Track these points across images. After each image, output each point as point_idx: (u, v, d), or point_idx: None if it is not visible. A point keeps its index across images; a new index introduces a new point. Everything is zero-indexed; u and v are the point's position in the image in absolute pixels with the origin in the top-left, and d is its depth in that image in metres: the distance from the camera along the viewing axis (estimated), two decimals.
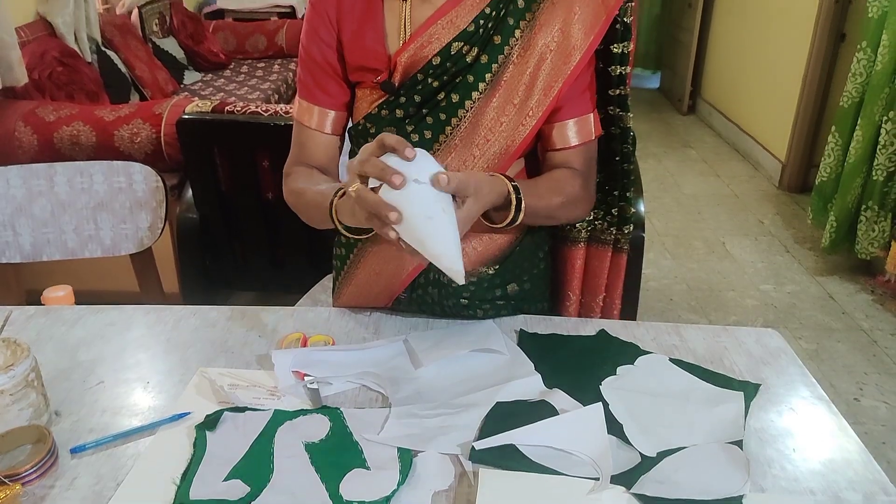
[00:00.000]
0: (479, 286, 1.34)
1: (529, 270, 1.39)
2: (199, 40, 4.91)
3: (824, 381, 2.66)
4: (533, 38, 1.20)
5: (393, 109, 1.24)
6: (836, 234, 3.41)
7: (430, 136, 1.24)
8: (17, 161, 1.78)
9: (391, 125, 1.25)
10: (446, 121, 1.23)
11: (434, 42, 1.20)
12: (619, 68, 1.27)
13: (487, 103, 1.22)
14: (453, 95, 1.22)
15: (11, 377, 0.96)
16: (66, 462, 0.96)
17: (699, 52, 5.98)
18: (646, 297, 3.24)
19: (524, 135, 1.23)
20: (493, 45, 1.20)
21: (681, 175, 4.81)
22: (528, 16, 1.20)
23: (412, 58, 1.21)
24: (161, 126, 2.63)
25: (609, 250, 1.42)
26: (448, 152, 1.24)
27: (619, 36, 1.24)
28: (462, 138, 1.24)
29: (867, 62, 3.23)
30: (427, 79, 1.21)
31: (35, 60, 3.16)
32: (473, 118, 1.23)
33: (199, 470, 0.94)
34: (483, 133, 1.23)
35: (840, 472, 0.96)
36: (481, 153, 1.24)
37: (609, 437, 1.01)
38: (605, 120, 1.33)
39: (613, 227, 1.40)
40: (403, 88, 1.22)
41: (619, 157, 1.35)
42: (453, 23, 1.20)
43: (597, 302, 1.47)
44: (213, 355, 1.20)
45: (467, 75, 1.21)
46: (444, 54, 1.20)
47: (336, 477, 0.93)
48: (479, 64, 1.20)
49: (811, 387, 1.14)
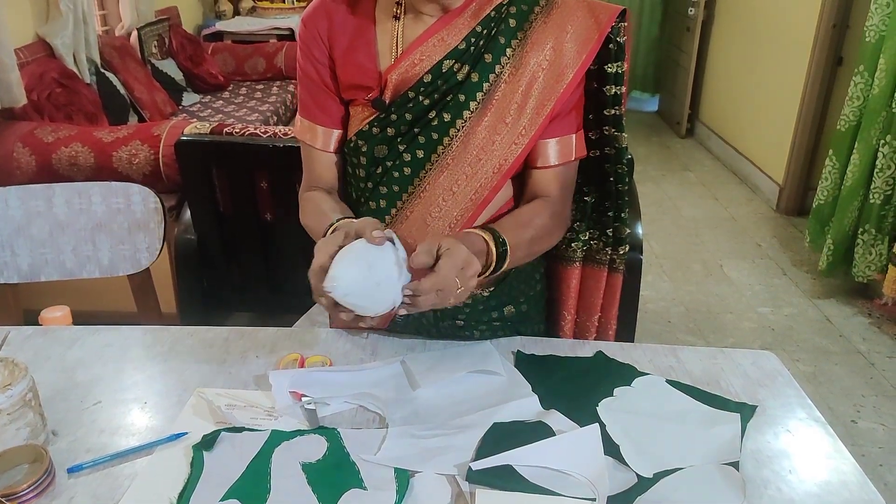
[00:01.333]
0: (475, 308, 1.34)
1: (526, 293, 1.39)
2: (198, 62, 4.93)
3: (822, 404, 2.65)
4: (525, 56, 1.20)
5: (384, 127, 1.25)
6: (834, 257, 3.42)
7: (423, 155, 1.24)
8: (15, 182, 1.79)
9: (382, 143, 1.26)
10: (438, 140, 1.23)
11: (425, 60, 1.21)
12: (613, 88, 1.27)
13: (479, 122, 1.22)
14: (444, 114, 1.22)
15: (9, 397, 0.96)
16: (63, 481, 0.96)
17: (697, 76, 6.01)
18: (644, 319, 3.24)
19: (517, 153, 1.24)
20: (485, 64, 1.20)
21: (679, 198, 4.83)
22: (520, 34, 1.21)
23: (403, 75, 1.22)
24: (160, 147, 2.64)
25: (605, 271, 1.42)
26: (440, 171, 1.24)
27: (612, 55, 1.24)
28: (454, 157, 1.24)
29: (864, 86, 3.25)
30: (418, 97, 1.22)
31: (34, 82, 3.18)
32: (465, 137, 1.23)
33: (196, 490, 0.94)
34: (475, 152, 1.23)
35: (836, 494, 0.96)
36: (473, 172, 1.24)
37: (606, 457, 1.01)
38: (600, 140, 1.33)
39: (609, 248, 1.40)
40: (394, 106, 1.23)
41: (614, 178, 1.34)
42: (444, 41, 1.20)
43: (592, 322, 1.46)
44: (210, 376, 1.20)
45: (458, 94, 1.21)
46: (435, 72, 1.20)
47: (333, 497, 0.93)
48: (471, 82, 1.21)
49: (807, 409, 1.14)
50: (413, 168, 1.25)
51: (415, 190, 1.26)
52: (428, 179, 1.25)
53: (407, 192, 1.26)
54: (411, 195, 1.26)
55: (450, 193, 1.25)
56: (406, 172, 1.26)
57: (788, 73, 4.44)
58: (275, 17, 6.06)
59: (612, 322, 1.47)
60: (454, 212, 1.26)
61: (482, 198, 1.25)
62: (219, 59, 5.29)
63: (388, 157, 1.26)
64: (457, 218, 1.26)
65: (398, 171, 1.26)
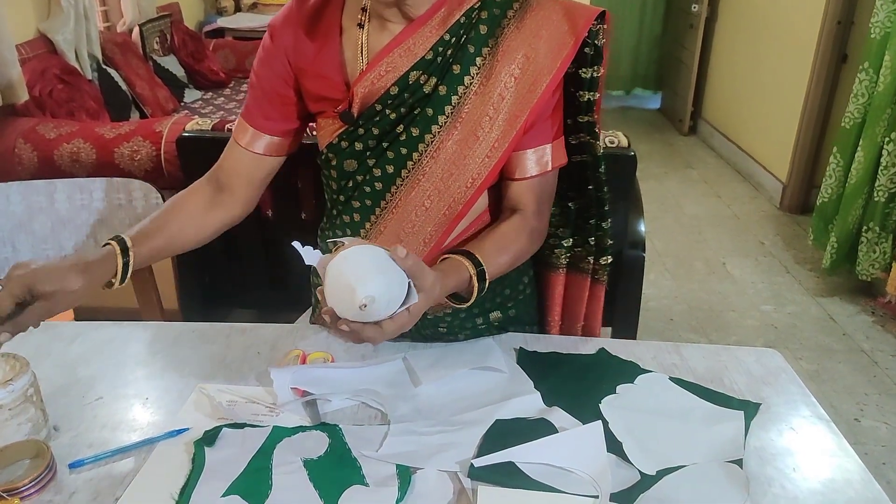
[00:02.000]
0: (455, 317, 1.32)
1: (514, 297, 1.37)
2: (200, 59, 4.93)
3: (825, 402, 2.65)
4: (495, 66, 1.15)
5: (352, 141, 1.21)
6: (837, 255, 3.42)
7: (392, 171, 1.20)
8: (16, 178, 1.79)
9: (351, 157, 1.22)
10: (407, 155, 1.19)
11: (392, 71, 1.15)
12: (587, 94, 1.21)
13: (449, 137, 1.17)
14: (413, 129, 1.17)
15: (10, 392, 0.96)
16: (64, 477, 0.96)
17: (700, 73, 6.00)
18: (646, 316, 3.23)
19: (490, 167, 1.18)
20: (453, 75, 1.15)
21: (682, 196, 4.82)
22: (491, 42, 1.15)
23: (370, 87, 1.16)
24: (161, 144, 2.63)
25: (587, 279, 1.37)
26: (411, 187, 1.20)
27: (588, 59, 1.18)
28: (424, 173, 1.19)
29: (869, 83, 3.24)
30: (385, 110, 1.17)
31: (36, 77, 3.18)
32: (434, 152, 1.18)
33: (198, 486, 0.94)
34: (446, 167, 1.18)
35: (840, 492, 0.96)
36: (445, 187, 1.19)
37: (608, 455, 1.00)
38: (579, 146, 1.28)
39: (591, 256, 1.35)
40: (362, 119, 1.18)
41: (593, 185, 1.29)
42: (411, 50, 1.14)
43: (577, 329, 1.42)
44: (211, 372, 1.20)
45: (426, 108, 1.16)
46: (402, 84, 1.15)
47: (335, 493, 0.93)
48: (438, 95, 1.15)
49: (811, 406, 1.13)
50: (384, 183, 1.22)
51: (387, 205, 1.23)
52: (399, 195, 1.21)
53: (380, 207, 1.23)
54: (384, 210, 1.23)
55: (422, 209, 1.21)
56: (377, 187, 1.22)
57: (792, 70, 4.43)
58: (276, 13, 6.04)
59: (597, 331, 1.43)
60: (428, 227, 1.23)
61: (456, 212, 1.21)
62: (220, 55, 5.28)
63: (359, 172, 1.23)
64: (431, 233, 1.23)
65: (369, 185, 1.23)
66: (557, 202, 1.33)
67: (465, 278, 1.10)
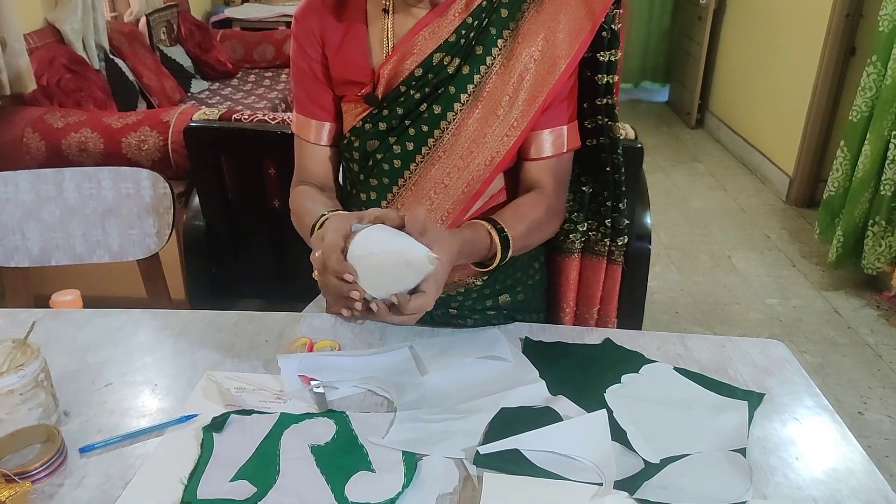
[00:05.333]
0: (468, 297, 1.35)
1: (524, 281, 1.39)
2: (207, 49, 4.93)
3: (829, 395, 2.65)
4: (516, 48, 1.19)
5: (376, 123, 1.24)
6: (843, 248, 3.41)
7: (413, 148, 1.24)
8: (25, 167, 1.80)
9: (375, 138, 1.25)
10: (428, 132, 1.22)
11: (416, 53, 1.20)
12: (605, 77, 1.25)
13: (470, 115, 1.21)
14: (435, 107, 1.21)
15: (21, 377, 0.97)
16: (75, 461, 0.97)
17: (708, 66, 5.97)
18: (651, 309, 3.23)
19: (508, 146, 1.23)
20: (475, 56, 1.19)
21: (688, 189, 4.82)
22: (512, 25, 1.19)
23: (394, 70, 1.21)
24: (168, 134, 2.64)
25: (603, 262, 1.41)
26: (431, 164, 1.24)
27: (605, 44, 1.22)
28: (445, 150, 1.23)
29: (877, 76, 3.23)
30: (409, 90, 1.21)
31: (43, 67, 3.19)
32: (456, 130, 1.22)
33: (207, 470, 0.95)
34: (466, 145, 1.22)
35: (843, 481, 0.96)
36: (465, 164, 1.23)
37: (613, 443, 1.01)
38: (595, 129, 1.32)
39: (607, 239, 1.39)
40: (386, 101, 1.22)
41: (610, 168, 1.33)
42: (435, 33, 1.19)
43: (592, 314, 1.46)
44: (220, 359, 1.21)
45: (449, 86, 1.20)
46: (426, 66, 1.20)
47: (341, 479, 0.94)
48: (461, 75, 1.19)
49: (815, 397, 1.14)
50: (403, 160, 1.25)
51: (406, 182, 1.26)
52: (419, 172, 1.25)
53: (398, 185, 1.26)
54: (402, 188, 1.26)
55: (441, 186, 1.24)
56: (396, 165, 1.25)
57: (800, 63, 4.41)
58: (283, 3, 6.05)
59: (612, 313, 1.47)
60: (446, 204, 1.26)
61: (474, 190, 1.25)
62: (227, 45, 5.29)
63: (379, 150, 1.25)
64: (448, 211, 1.26)
65: (388, 163, 1.25)
66: (571, 187, 1.36)
67: (483, 235, 1.14)
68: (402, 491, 0.92)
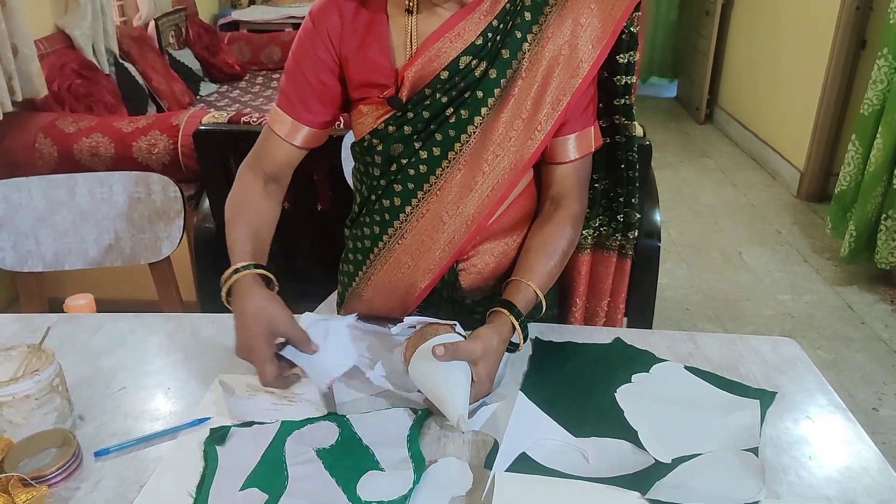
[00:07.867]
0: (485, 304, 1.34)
1: None
2: (215, 52, 4.95)
3: (842, 392, 2.64)
4: (541, 51, 1.19)
5: (400, 125, 1.23)
6: (856, 243, 3.39)
7: (439, 153, 1.23)
8: (37, 172, 1.81)
9: (399, 141, 1.24)
10: (455, 137, 1.22)
11: (442, 56, 1.18)
12: (624, 78, 1.26)
13: (496, 118, 1.20)
14: (462, 111, 1.20)
15: (37, 382, 0.98)
16: (90, 465, 0.98)
17: (717, 60, 5.96)
18: (662, 306, 3.22)
19: (533, 149, 1.23)
20: (502, 60, 1.18)
21: (698, 185, 4.80)
22: (535, 28, 1.19)
23: (419, 72, 1.19)
24: (178, 137, 2.65)
25: (614, 256, 1.43)
26: (457, 169, 1.23)
27: (624, 46, 1.23)
28: (472, 154, 1.22)
29: (888, 69, 3.20)
30: (435, 94, 1.20)
31: (54, 72, 3.20)
32: (482, 134, 1.21)
33: (214, 483, 0.95)
34: (492, 148, 1.22)
35: (857, 480, 0.96)
36: (490, 169, 1.23)
37: (623, 442, 1.02)
38: (610, 128, 1.33)
39: (619, 233, 1.40)
40: (411, 104, 1.20)
41: (625, 165, 1.34)
42: (461, 36, 1.18)
43: (601, 307, 1.47)
44: (231, 362, 1.21)
45: (476, 90, 1.19)
46: (453, 69, 1.18)
47: (352, 479, 0.94)
48: (488, 79, 1.19)
49: (828, 395, 1.13)
50: (429, 165, 1.23)
51: (430, 188, 1.25)
52: (444, 177, 1.24)
53: (422, 190, 1.25)
54: (427, 193, 1.25)
55: (466, 191, 1.24)
56: (422, 170, 1.24)
57: (810, 57, 4.39)
58: (290, 5, 6.07)
59: (621, 306, 1.48)
60: (471, 209, 1.25)
61: (499, 195, 1.25)
62: (235, 48, 5.30)
63: (404, 155, 1.24)
64: (473, 216, 1.25)
65: (413, 168, 1.24)
66: None
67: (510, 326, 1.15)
68: (413, 487, 0.92)
